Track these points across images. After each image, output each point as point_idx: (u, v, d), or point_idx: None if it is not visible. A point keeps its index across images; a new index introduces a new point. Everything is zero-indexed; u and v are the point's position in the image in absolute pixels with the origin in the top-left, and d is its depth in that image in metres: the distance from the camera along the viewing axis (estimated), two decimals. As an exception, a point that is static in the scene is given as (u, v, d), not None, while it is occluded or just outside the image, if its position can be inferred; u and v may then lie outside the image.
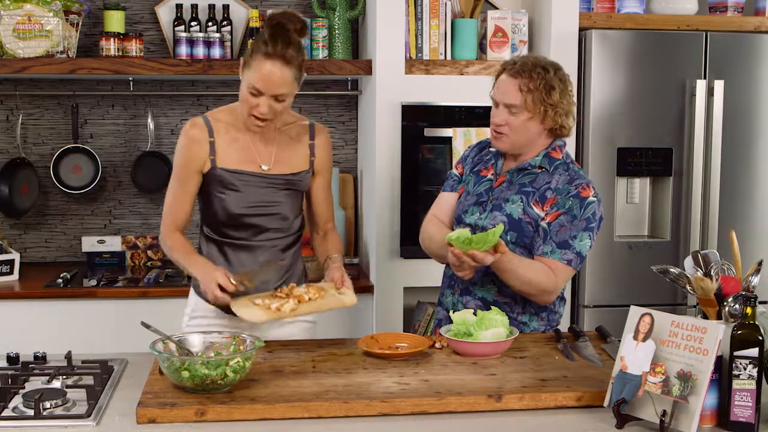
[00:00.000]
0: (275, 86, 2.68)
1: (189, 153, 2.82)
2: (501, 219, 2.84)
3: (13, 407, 2.19)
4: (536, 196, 2.84)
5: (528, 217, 2.83)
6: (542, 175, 2.87)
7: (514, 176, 2.90)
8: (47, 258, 4.59)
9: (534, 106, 2.79)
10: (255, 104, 2.70)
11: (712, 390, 2.07)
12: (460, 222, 2.96)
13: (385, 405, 2.17)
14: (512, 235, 2.83)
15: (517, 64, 2.84)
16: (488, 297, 2.89)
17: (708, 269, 2.36)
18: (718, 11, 4.33)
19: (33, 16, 4.07)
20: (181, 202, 2.85)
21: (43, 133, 4.53)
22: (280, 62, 2.66)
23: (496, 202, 2.88)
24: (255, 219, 2.84)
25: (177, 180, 2.86)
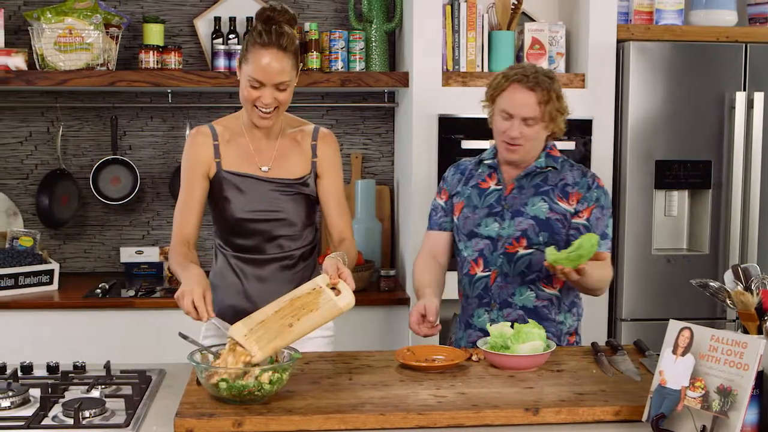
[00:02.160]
0: (275, 75, 2.70)
1: (195, 157, 2.84)
2: (527, 223, 2.89)
3: (53, 416, 2.21)
4: (557, 192, 2.92)
5: (556, 214, 2.90)
6: (551, 173, 2.96)
7: (523, 181, 2.95)
8: (86, 268, 4.63)
9: (549, 116, 2.87)
10: (257, 96, 2.73)
11: (752, 405, 2.05)
12: (475, 236, 2.97)
13: (422, 418, 2.17)
14: (544, 235, 2.89)
15: (529, 76, 2.85)
16: (528, 304, 2.93)
17: (748, 283, 2.34)
18: (758, 23, 4.29)
19: (74, 30, 4.12)
20: (188, 209, 2.85)
21: (82, 144, 4.58)
22: (277, 50, 2.69)
23: (513, 209, 2.93)
24: (261, 225, 2.84)
25: (184, 187, 2.87)
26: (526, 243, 2.90)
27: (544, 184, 2.94)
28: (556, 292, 2.95)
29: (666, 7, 4.17)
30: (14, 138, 4.54)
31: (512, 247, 2.91)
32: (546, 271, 2.88)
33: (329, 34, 4.32)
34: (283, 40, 2.70)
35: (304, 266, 2.94)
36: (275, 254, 2.88)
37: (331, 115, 4.67)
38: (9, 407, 2.25)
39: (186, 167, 2.87)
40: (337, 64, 4.30)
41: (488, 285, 2.96)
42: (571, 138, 4.05)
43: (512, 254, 2.92)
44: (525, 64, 2.96)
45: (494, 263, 2.94)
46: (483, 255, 2.96)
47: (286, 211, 2.86)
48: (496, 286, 2.95)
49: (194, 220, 2.86)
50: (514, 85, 2.86)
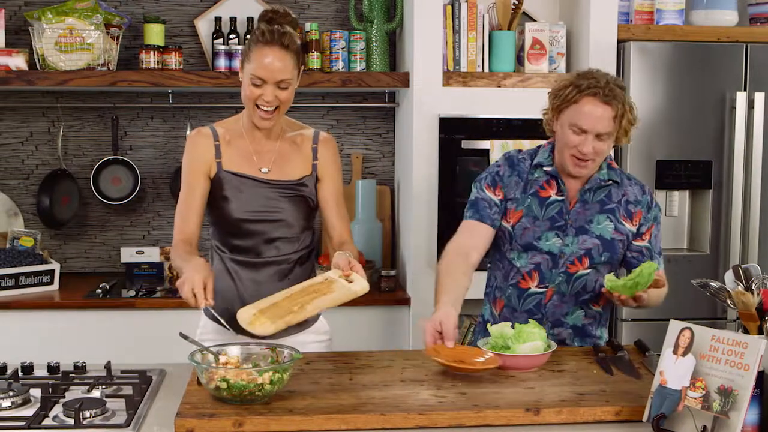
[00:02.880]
0: (277, 72, 2.70)
1: (196, 157, 2.85)
2: (592, 242, 2.79)
3: (54, 416, 2.20)
4: (622, 211, 2.82)
5: (621, 234, 2.81)
6: (614, 188, 2.85)
7: (587, 195, 2.83)
8: (87, 268, 4.63)
9: (622, 129, 2.74)
10: (259, 94, 2.73)
11: (753, 406, 2.05)
12: (532, 249, 2.82)
13: (423, 418, 2.17)
14: (606, 255, 2.80)
15: (604, 88, 2.68)
16: (578, 323, 2.89)
17: (749, 283, 2.34)
18: (759, 23, 4.29)
19: (74, 30, 4.12)
20: (189, 209, 2.85)
21: (83, 144, 4.58)
22: (279, 48, 2.70)
23: (577, 224, 2.80)
24: (259, 225, 2.84)
25: (185, 187, 2.87)
26: (588, 263, 2.81)
27: (608, 200, 2.83)
28: (600, 310, 2.91)
29: (667, 7, 4.17)
30: (15, 138, 4.54)
31: (574, 267, 2.81)
32: (597, 290, 2.84)
33: (330, 34, 4.32)
34: (285, 39, 2.71)
35: (301, 271, 2.92)
36: (272, 257, 2.87)
37: (331, 116, 4.67)
38: (10, 407, 2.25)
39: (187, 167, 2.87)
40: (337, 65, 4.30)
41: (542, 302, 2.85)
42: (572, 138, 4.04)
43: (572, 274, 2.81)
44: (595, 73, 2.76)
45: (552, 281, 2.82)
46: (540, 270, 2.82)
47: (284, 213, 2.86)
48: (551, 304, 2.85)
49: (196, 219, 2.86)
50: (587, 98, 2.69)
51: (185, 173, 2.88)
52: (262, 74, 2.70)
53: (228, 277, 2.90)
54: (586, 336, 2.91)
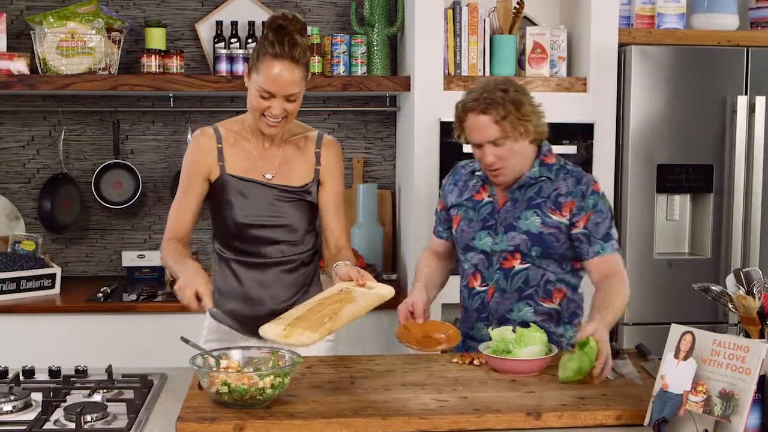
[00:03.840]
0: (286, 86, 2.69)
1: (196, 159, 2.85)
2: (520, 238, 2.84)
3: (55, 420, 2.20)
4: (550, 204, 2.86)
5: (549, 227, 2.84)
6: (546, 183, 2.89)
7: (516, 194, 2.89)
8: (88, 272, 4.63)
9: (514, 129, 2.76)
10: (267, 106, 2.72)
11: (754, 410, 2.04)
12: (470, 249, 2.95)
13: (424, 422, 2.16)
14: (536, 249, 2.85)
15: (479, 100, 2.76)
16: (527, 320, 2.89)
17: (750, 287, 2.34)
18: (760, 26, 4.29)
19: (76, 34, 4.13)
20: (184, 209, 2.85)
21: (84, 148, 4.58)
22: (289, 62, 2.68)
23: (506, 223, 2.88)
24: (262, 230, 2.84)
25: (181, 187, 2.87)
26: (521, 258, 2.87)
27: (537, 196, 2.87)
28: (555, 306, 2.91)
29: (667, 11, 4.17)
30: (16, 142, 4.55)
31: (507, 263, 2.88)
32: (544, 286, 2.88)
33: (331, 38, 4.32)
34: (295, 52, 2.68)
35: (305, 271, 2.94)
36: (276, 258, 2.88)
37: (332, 120, 4.67)
38: (11, 411, 2.25)
39: (186, 167, 2.87)
40: (338, 69, 4.30)
41: (485, 300, 2.94)
42: (573, 142, 4.05)
43: (508, 270, 2.88)
44: (478, 86, 2.84)
45: (491, 278, 2.92)
46: (479, 269, 2.94)
47: (288, 217, 2.86)
48: (493, 301, 2.92)
49: (190, 219, 2.86)
50: (469, 114, 2.80)
51: (184, 173, 2.88)
52: (271, 88, 2.69)
53: (233, 278, 2.90)
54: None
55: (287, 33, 2.70)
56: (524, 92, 2.83)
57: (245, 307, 2.89)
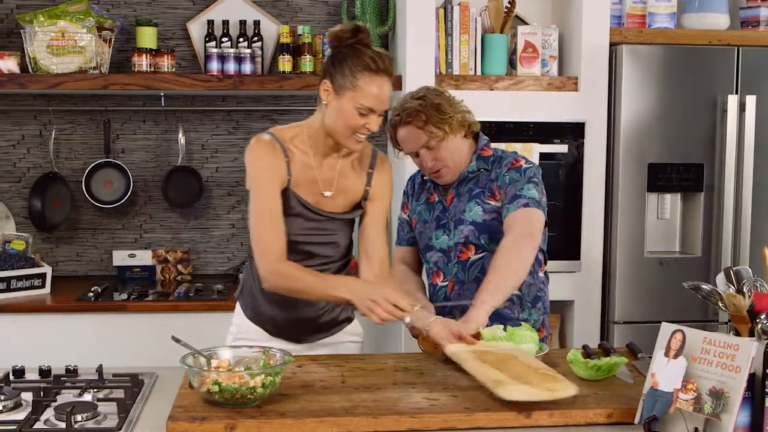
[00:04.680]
0: (385, 102, 2.65)
1: (271, 164, 2.69)
2: (468, 229, 2.94)
3: (45, 420, 2.20)
4: (487, 193, 2.95)
5: (490, 214, 2.93)
6: (483, 174, 2.98)
7: (459, 189, 2.99)
8: (78, 272, 4.62)
9: (439, 128, 2.88)
10: (363, 123, 2.63)
11: (744, 408, 2.05)
12: (430, 249, 3.04)
13: (414, 420, 2.16)
14: (484, 237, 2.94)
15: (400, 114, 2.90)
16: None
17: (740, 286, 2.34)
18: (750, 26, 4.30)
19: (67, 33, 4.12)
20: (276, 222, 2.67)
21: (75, 147, 4.57)
22: (387, 77, 2.65)
23: (456, 218, 2.98)
24: (309, 246, 2.79)
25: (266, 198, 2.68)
26: (474, 248, 2.95)
27: (476, 187, 2.97)
28: (518, 292, 2.95)
29: (658, 10, 4.18)
30: (6, 141, 4.54)
31: (463, 254, 2.97)
32: None
33: (322, 37, 4.32)
34: (391, 66, 2.66)
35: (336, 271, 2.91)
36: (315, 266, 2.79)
37: (324, 119, 4.66)
38: (1, 411, 2.24)
39: (260, 176, 2.69)
40: (330, 68, 4.29)
41: (447, 294, 3.01)
42: (564, 141, 4.06)
43: (465, 261, 2.97)
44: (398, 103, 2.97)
45: (450, 273, 3.01)
46: (439, 266, 3.03)
47: (336, 236, 2.84)
48: (454, 294, 2.99)
49: (283, 230, 2.69)
50: (397, 129, 2.94)
51: (262, 181, 2.69)
52: (373, 104, 2.62)
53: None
54: (505, 319, 2.90)
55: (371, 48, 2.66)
56: (441, 94, 2.95)
57: (279, 310, 2.86)
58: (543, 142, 4.06)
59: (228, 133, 4.62)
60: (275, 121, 4.55)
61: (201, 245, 4.65)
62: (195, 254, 4.64)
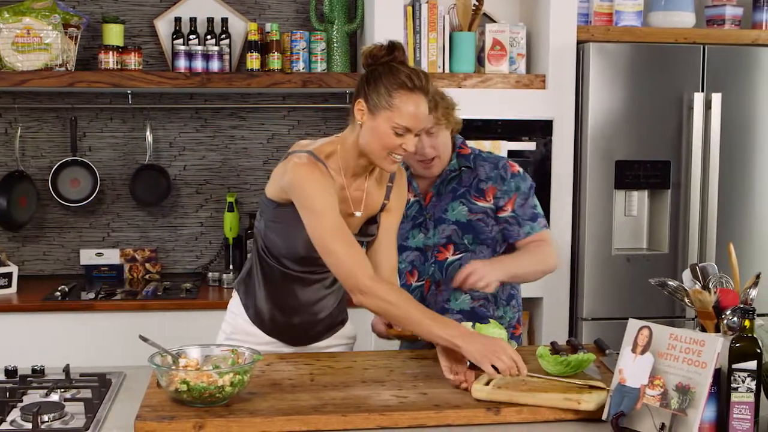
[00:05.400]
0: (423, 121, 2.55)
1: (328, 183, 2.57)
2: (451, 228, 2.93)
3: (11, 420, 2.18)
4: (473, 192, 2.93)
5: (476, 214, 2.92)
6: (465, 172, 2.96)
7: (440, 188, 2.96)
8: (45, 271, 4.59)
9: (443, 117, 2.86)
10: (400, 143, 2.52)
11: (710, 403, 2.07)
12: (405, 249, 2.99)
13: (384, 418, 2.17)
14: (468, 237, 2.93)
15: None
16: (465, 307, 2.95)
17: (706, 282, 2.36)
18: (716, 24, 4.34)
19: (32, 30, 4.08)
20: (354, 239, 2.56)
21: (41, 146, 4.53)
22: (423, 95, 2.52)
23: (436, 217, 2.96)
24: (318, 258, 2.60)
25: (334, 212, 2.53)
26: (453, 248, 2.94)
27: (459, 186, 2.95)
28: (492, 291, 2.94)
29: (625, 8, 4.21)
30: (-29, 139, 4.50)
31: (441, 254, 2.96)
32: None
33: (290, 34, 4.31)
34: (428, 85, 2.55)
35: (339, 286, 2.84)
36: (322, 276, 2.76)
37: (292, 116, 4.66)
38: (-34, 412, 2.23)
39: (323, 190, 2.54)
40: (298, 65, 4.29)
41: (423, 294, 2.99)
42: (532, 138, 4.08)
43: (443, 261, 2.95)
44: None
45: (426, 272, 2.98)
46: (415, 265, 3.00)
47: None
48: (430, 294, 2.98)
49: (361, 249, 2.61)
50: None
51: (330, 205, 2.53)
52: (409, 123, 2.50)
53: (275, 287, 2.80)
54: (480, 317, 2.91)
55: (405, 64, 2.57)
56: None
57: (279, 312, 2.81)
58: (511, 140, 4.07)
59: (196, 130, 4.60)
60: (243, 119, 4.54)
61: (169, 244, 4.63)
62: (163, 253, 4.61)
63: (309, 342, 2.88)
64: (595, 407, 2.20)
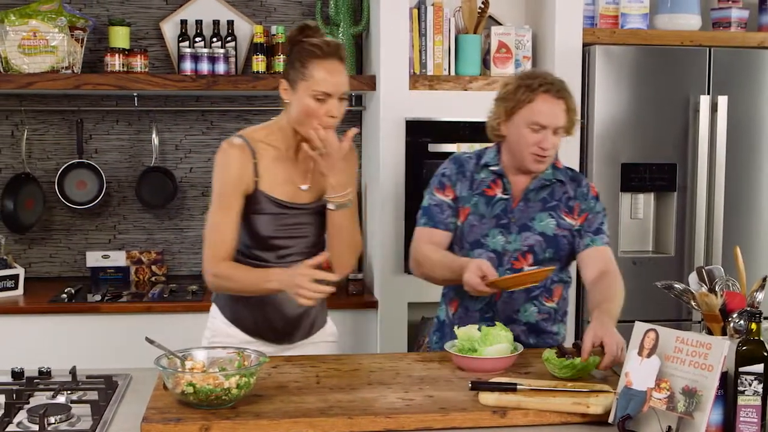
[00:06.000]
0: (341, 84, 2.67)
1: (236, 174, 2.72)
2: (535, 238, 2.85)
3: (18, 422, 2.18)
4: (564, 207, 2.89)
5: (563, 230, 2.88)
6: (557, 186, 2.91)
7: (531, 194, 2.89)
8: (52, 273, 4.59)
9: (572, 122, 2.84)
10: (324, 110, 2.65)
11: (717, 406, 2.06)
12: (480, 246, 2.87)
13: (390, 421, 2.17)
14: (550, 251, 2.87)
15: (554, 84, 2.81)
16: (531, 320, 2.91)
17: (712, 285, 2.36)
18: (722, 27, 4.34)
19: (38, 32, 4.09)
20: (227, 228, 2.72)
21: (47, 148, 4.54)
22: (338, 61, 2.67)
23: (521, 223, 2.87)
24: (282, 241, 2.79)
25: (221, 205, 2.73)
26: (532, 259, 2.87)
27: (551, 198, 2.90)
28: (554, 305, 2.94)
29: (631, 11, 4.20)
30: (-22, 142, 4.51)
31: (518, 263, 2.86)
32: (549, 286, 2.91)
33: (296, 37, 4.30)
34: (341, 51, 2.68)
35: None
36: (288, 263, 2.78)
37: (298, 119, 4.65)
38: (-27, 414, 2.23)
39: (225, 183, 2.74)
40: (304, 68, 4.29)
41: (493, 300, 2.89)
42: (538, 141, 4.07)
43: (518, 270, 2.85)
44: (538, 72, 2.91)
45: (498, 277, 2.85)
46: None
47: (310, 228, 2.83)
48: (501, 301, 2.89)
49: (233, 236, 2.73)
50: (543, 96, 2.79)
51: (222, 190, 2.74)
52: (326, 88, 2.64)
53: None
54: (541, 332, 2.93)
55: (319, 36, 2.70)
56: None
57: (259, 311, 2.85)
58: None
59: (202, 133, 4.60)
60: (249, 122, 4.54)
61: (175, 246, 4.63)
62: (169, 255, 4.62)
63: (292, 341, 2.91)
64: (603, 411, 2.20)
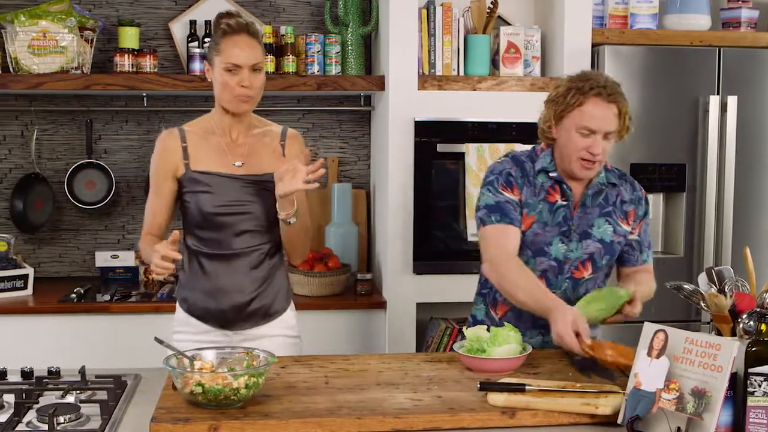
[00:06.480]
0: (251, 57, 2.82)
1: (162, 159, 2.93)
2: (595, 246, 2.81)
3: (27, 422, 2.19)
4: (619, 213, 2.85)
5: (618, 236, 2.84)
6: (609, 189, 2.87)
7: (588, 199, 2.83)
8: (61, 273, 4.60)
9: (624, 127, 2.75)
10: (237, 80, 2.81)
11: (726, 407, 2.06)
12: (542, 254, 2.80)
13: (399, 421, 2.17)
14: (607, 258, 2.85)
15: (606, 87, 2.70)
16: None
17: (722, 285, 2.36)
18: (732, 27, 4.33)
19: (48, 33, 4.10)
20: (156, 208, 2.96)
21: (57, 148, 4.55)
22: (247, 35, 2.84)
23: (581, 230, 2.81)
24: (228, 218, 2.87)
25: (153, 189, 2.98)
26: (591, 267, 2.84)
27: (606, 203, 2.84)
28: None
29: (640, 11, 4.20)
30: (-12, 142, 4.52)
31: (578, 272, 2.83)
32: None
33: (305, 37, 4.31)
34: (250, 27, 2.86)
35: (270, 264, 2.96)
36: (242, 249, 2.90)
37: (307, 119, 4.66)
38: (-17, 413, 2.23)
39: (154, 169, 2.97)
40: (313, 68, 4.30)
41: None
42: (547, 141, 4.06)
43: (578, 279, 2.84)
44: (590, 74, 2.78)
45: (558, 287, 2.82)
46: (546, 276, 2.81)
47: (252, 206, 2.89)
48: None
49: (164, 215, 2.97)
50: (594, 99, 2.69)
51: (152, 175, 2.99)
52: (237, 60, 2.81)
53: (199, 270, 2.94)
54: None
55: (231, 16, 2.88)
56: None
57: (210, 299, 2.93)
58: (526, 143, 4.05)
59: (211, 133, 4.60)
60: (258, 122, 4.55)
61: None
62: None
63: (246, 327, 2.95)
64: (612, 411, 2.20)
